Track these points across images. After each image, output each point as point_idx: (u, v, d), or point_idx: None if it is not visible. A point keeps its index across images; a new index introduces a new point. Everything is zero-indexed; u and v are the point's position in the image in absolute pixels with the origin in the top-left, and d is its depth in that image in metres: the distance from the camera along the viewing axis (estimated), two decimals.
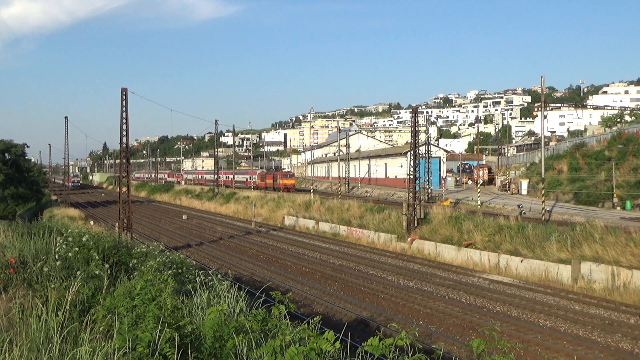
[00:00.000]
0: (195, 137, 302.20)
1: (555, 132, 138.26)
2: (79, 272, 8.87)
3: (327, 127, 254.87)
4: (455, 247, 34.56)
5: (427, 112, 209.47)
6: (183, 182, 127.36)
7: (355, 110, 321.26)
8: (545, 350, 18.24)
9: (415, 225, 40.09)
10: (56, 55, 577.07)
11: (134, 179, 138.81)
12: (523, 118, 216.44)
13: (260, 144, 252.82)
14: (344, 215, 48.82)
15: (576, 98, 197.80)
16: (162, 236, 48.87)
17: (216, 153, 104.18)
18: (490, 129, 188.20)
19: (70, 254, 10.18)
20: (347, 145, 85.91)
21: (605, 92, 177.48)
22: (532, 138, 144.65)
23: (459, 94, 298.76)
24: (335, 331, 5.02)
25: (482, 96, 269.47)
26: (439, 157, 79.33)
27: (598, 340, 19.16)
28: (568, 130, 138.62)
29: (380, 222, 43.40)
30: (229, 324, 5.87)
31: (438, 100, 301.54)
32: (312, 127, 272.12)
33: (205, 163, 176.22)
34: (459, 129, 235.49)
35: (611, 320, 21.42)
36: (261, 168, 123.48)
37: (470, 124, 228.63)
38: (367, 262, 35.02)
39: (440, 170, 79.04)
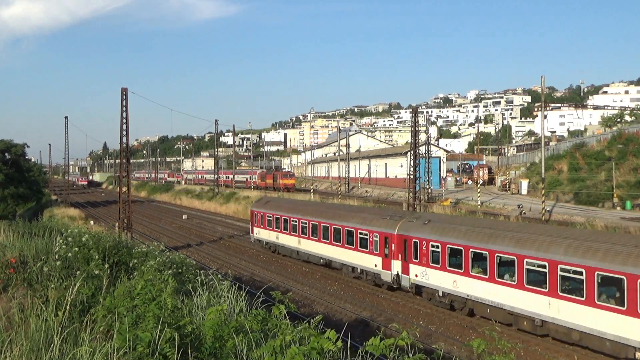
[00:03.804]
0: (195, 137, 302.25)
1: (555, 132, 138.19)
2: (79, 272, 8.86)
3: (327, 127, 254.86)
4: None
5: (427, 112, 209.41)
6: (183, 182, 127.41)
7: (355, 110, 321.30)
8: (545, 350, 18.24)
9: None
10: (56, 55, 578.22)
11: (134, 179, 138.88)
12: (523, 118, 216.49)
13: (260, 144, 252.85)
14: None
15: (576, 98, 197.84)
16: (162, 236, 48.88)
17: (216, 153, 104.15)
18: (490, 129, 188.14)
19: (70, 254, 10.18)
20: (347, 145, 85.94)
21: (605, 92, 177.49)
22: (532, 138, 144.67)
23: (459, 94, 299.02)
24: (335, 331, 5.01)
25: (482, 96, 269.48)
26: (439, 157, 79.37)
27: None
28: (568, 130, 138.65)
29: None
30: (229, 324, 5.87)
31: (438, 100, 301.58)
32: (312, 127, 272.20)
33: (205, 163, 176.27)
34: (459, 129, 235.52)
35: None
36: (261, 168, 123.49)
37: (470, 124, 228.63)
38: None
39: (440, 170, 79.07)
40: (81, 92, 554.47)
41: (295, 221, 32.97)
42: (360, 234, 27.31)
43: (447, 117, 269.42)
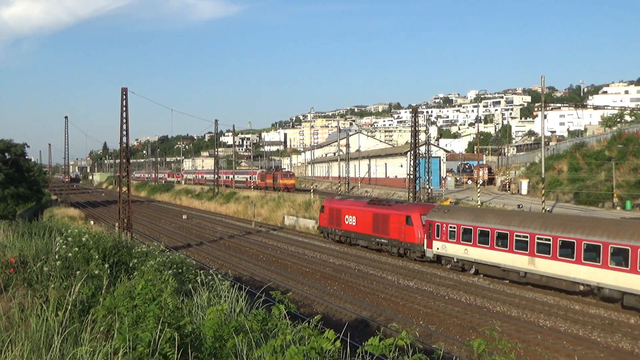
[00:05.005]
0: (195, 137, 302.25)
1: (555, 132, 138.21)
2: (79, 272, 8.86)
3: (327, 127, 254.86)
4: None
5: (427, 112, 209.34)
6: (183, 181, 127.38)
7: (355, 110, 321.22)
8: (545, 350, 18.25)
9: None
10: (57, 55, 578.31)
11: (134, 179, 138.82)
12: (523, 118, 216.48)
13: (260, 144, 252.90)
14: None
15: (576, 98, 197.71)
16: (162, 236, 48.89)
17: (216, 153, 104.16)
18: (490, 129, 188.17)
19: (70, 254, 10.18)
20: (347, 145, 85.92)
21: (605, 92, 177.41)
22: (532, 138, 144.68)
23: (459, 94, 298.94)
24: (335, 331, 5.02)
25: (482, 96, 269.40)
26: (439, 157, 79.34)
27: (598, 340, 19.16)
28: (568, 130, 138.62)
29: None
30: (229, 324, 5.87)
31: (438, 100, 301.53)
32: (312, 127, 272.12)
33: (205, 163, 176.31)
34: (459, 129, 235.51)
35: (611, 320, 21.43)
36: (261, 168, 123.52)
37: (470, 124, 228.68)
38: (367, 261, 35.01)
39: (440, 170, 79.02)
40: (81, 92, 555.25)
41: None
42: None
43: (447, 117, 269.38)
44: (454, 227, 30.48)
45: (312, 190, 72.25)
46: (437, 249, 31.82)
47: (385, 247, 37.00)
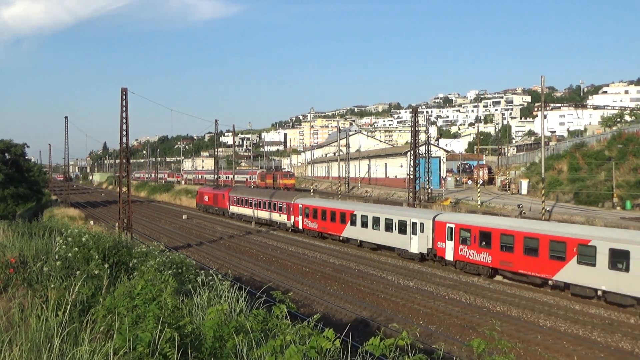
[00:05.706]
0: (195, 137, 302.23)
1: (555, 132, 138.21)
2: (79, 272, 8.86)
3: (327, 127, 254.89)
4: None
5: (427, 112, 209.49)
6: (183, 182, 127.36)
7: (355, 110, 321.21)
8: (545, 350, 18.25)
9: None
10: (57, 55, 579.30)
11: (134, 179, 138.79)
12: (523, 118, 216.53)
13: (260, 144, 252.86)
14: None
15: (576, 98, 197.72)
16: (162, 236, 48.87)
17: (216, 153, 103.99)
18: (490, 128, 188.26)
19: (70, 254, 10.17)
20: (347, 145, 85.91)
21: (605, 92, 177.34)
22: (532, 138, 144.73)
23: (459, 94, 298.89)
24: (335, 331, 5.01)
25: (482, 96, 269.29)
26: (439, 157, 79.35)
27: (598, 340, 19.17)
28: (568, 130, 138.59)
29: None
30: (229, 324, 5.86)
31: (438, 100, 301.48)
32: (312, 127, 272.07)
33: (205, 163, 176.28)
34: (459, 129, 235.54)
35: (611, 320, 21.44)
36: (261, 168, 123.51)
37: (470, 124, 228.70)
38: (367, 261, 35.02)
39: (440, 170, 79.04)
40: (81, 92, 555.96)
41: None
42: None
43: (447, 117, 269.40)
44: (236, 198, 59.91)
45: (312, 190, 72.24)
46: (232, 210, 61.37)
47: (217, 212, 65.94)
